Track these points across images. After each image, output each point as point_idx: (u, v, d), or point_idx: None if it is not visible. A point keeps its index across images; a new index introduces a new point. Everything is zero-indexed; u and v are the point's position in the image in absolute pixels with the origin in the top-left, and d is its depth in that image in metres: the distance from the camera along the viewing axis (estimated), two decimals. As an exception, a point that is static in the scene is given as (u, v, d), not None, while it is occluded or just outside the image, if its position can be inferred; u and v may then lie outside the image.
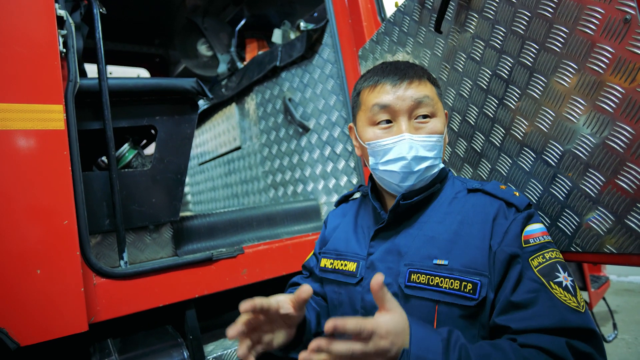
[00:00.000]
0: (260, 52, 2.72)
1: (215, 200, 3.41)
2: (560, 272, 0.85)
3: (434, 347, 0.74)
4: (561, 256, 0.89)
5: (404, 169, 0.95)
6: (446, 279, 0.88)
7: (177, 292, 1.41)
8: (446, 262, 0.90)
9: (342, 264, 1.09)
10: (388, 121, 0.99)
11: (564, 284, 0.83)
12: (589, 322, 0.80)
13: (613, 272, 5.05)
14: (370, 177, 1.11)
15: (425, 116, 0.98)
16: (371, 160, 1.02)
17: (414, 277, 0.92)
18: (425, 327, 0.79)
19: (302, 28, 2.24)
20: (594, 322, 0.81)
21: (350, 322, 0.68)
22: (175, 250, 1.62)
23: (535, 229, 0.89)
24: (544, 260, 0.86)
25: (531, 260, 0.86)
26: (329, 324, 0.68)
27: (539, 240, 0.88)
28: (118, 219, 1.37)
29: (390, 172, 0.98)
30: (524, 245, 0.87)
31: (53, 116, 1.18)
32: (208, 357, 1.42)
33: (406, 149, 0.94)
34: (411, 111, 0.97)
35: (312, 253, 1.29)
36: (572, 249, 1.02)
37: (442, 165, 1.02)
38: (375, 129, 1.00)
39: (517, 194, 0.95)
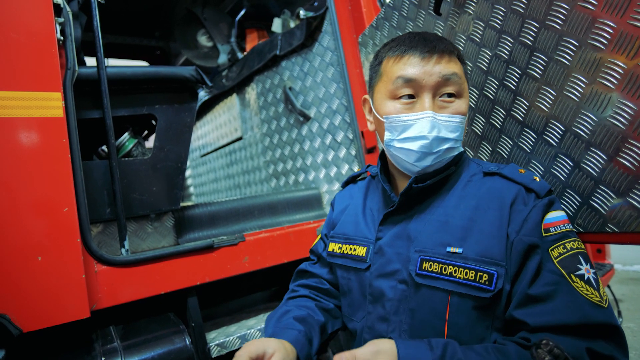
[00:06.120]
0: (260, 42, 2.71)
1: (217, 192, 3.42)
2: (582, 264, 0.80)
3: None
4: (583, 246, 0.83)
5: (422, 148, 0.89)
6: (461, 269, 0.83)
7: (179, 279, 1.42)
8: (460, 250, 0.85)
9: (351, 249, 1.04)
10: (411, 96, 0.92)
11: (586, 277, 0.78)
12: (612, 318, 0.76)
13: (618, 261, 5.01)
14: (380, 157, 1.05)
15: (450, 94, 0.91)
16: (387, 136, 0.95)
17: (426, 265, 0.88)
18: (416, 346, 0.76)
19: (301, 16, 2.22)
20: (616, 317, 0.77)
21: None
22: (177, 239, 1.62)
23: (557, 217, 0.84)
24: (565, 250, 0.81)
25: (551, 250, 0.80)
26: None
27: (560, 229, 0.82)
28: (119, 207, 1.37)
29: (406, 150, 0.91)
30: (543, 235, 0.81)
31: (51, 104, 1.18)
32: (210, 344, 1.42)
33: (428, 127, 0.88)
34: (437, 88, 0.90)
35: (319, 237, 1.23)
36: (574, 229, 1.01)
37: (462, 148, 0.97)
38: (396, 103, 0.93)
39: (537, 178, 0.89)
